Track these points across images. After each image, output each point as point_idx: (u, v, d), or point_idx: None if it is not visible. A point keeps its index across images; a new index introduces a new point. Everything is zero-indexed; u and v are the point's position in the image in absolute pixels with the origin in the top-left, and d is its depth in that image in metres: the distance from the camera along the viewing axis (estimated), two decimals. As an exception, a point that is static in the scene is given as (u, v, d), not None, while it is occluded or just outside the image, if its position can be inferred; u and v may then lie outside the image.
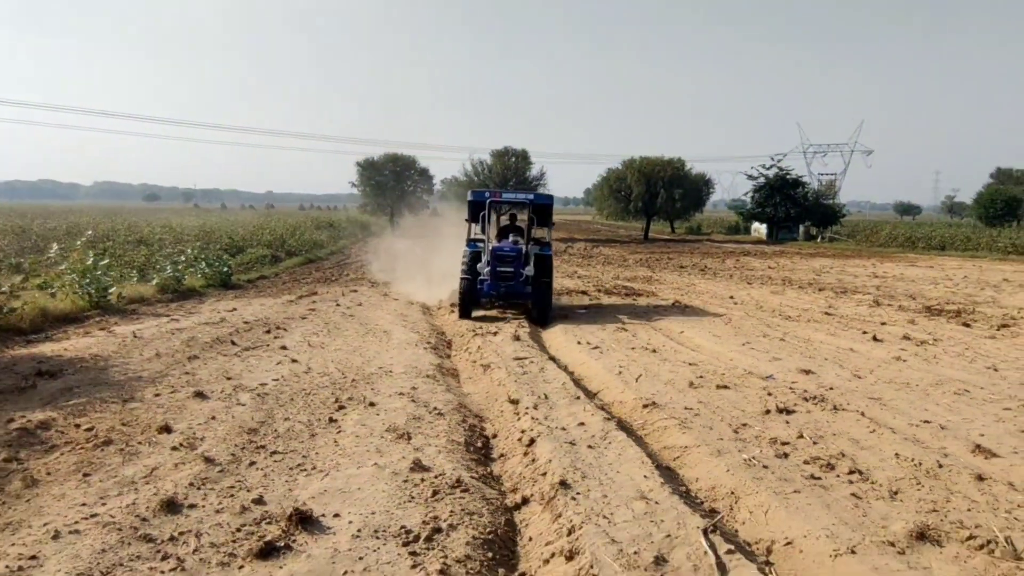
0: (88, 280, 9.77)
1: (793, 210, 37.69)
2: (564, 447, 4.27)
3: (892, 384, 6.13)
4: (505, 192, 11.17)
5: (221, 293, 12.48)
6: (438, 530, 3.14)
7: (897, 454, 4.20)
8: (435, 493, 3.54)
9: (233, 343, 7.59)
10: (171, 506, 3.35)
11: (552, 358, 7.51)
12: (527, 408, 5.17)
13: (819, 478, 3.85)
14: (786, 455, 4.22)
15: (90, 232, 16.49)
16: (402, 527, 3.17)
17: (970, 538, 3.09)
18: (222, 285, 13.21)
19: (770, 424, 4.85)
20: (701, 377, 6.27)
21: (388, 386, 5.89)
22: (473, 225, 10.82)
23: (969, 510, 3.44)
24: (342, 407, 5.21)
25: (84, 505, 3.38)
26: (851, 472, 3.91)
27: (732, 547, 2.99)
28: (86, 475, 3.75)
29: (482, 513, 3.39)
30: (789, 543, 3.13)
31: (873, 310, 11.05)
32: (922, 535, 3.10)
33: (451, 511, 3.33)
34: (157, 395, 5.38)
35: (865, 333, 8.76)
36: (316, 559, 2.90)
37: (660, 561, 2.88)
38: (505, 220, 11.66)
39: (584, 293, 13.08)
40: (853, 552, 2.96)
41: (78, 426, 4.56)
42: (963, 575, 2.81)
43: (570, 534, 3.12)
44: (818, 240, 37.11)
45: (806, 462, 4.09)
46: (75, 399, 5.17)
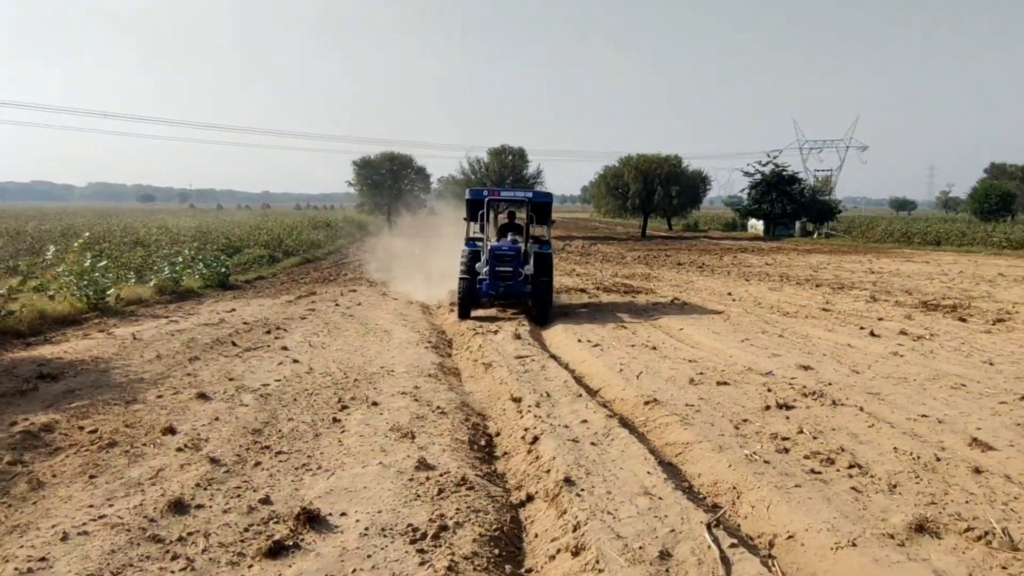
0: (86, 282, 9.74)
1: (789, 206, 37.82)
2: (567, 444, 4.30)
3: (890, 379, 6.18)
4: (503, 190, 11.07)
5: (219, 294, 12.47)
6: (445, 528, 3.16)
7: (895, 448, 4.25)
8: (441, 491, 3.57)
9: (234, 344, 7.60)
10: (178, 507, 3.36)
11: (553, 356, 7.54)
12: (529, 406, 5.20)
13: (819, 472, 3.89)
14: (786, 450, 4.26)
15: (87, 234, 16.41)
16: (409, 525, 3.20)
17: (968, 530, 3.14)
18: (220, 286, 13.19)
19: (770, 420, 4.90)
20: (701, 374, 6.31)
21: (390, 385, 5.91)
22: (471, 224, 10.71)
23: (967, 502, 3.49)
24: (345, 407, 5.23)
25: (91, 507, 3.39)
26: (851, 466, 3.95)
27: (735, 541, 3.03)
28: (92, 477, 3.76)
29: (488, 511, 3.41)
30: (791, 536, 3.17)
31: (870, 306, 11.11)
32: (921, 527, 3.14)
33: (457, 509, 3.36)
34: (159, 397, 5.39)
35: (862, 329, 8.81)
36: (325, 557, 2.93)
37: (665, 555, 2.92)
38: (504, 218, 11.54)
39: (583, 291, 13.10)
40: (854, 545, 3.00)
41: (82, 428, 4.56)
42: (962, 566, 2.86)
43: (575, 530, 3.15)
44: (814, 236, 37.23)
45: (806, 457, 4.14)
46: (77, 401, 5.17)
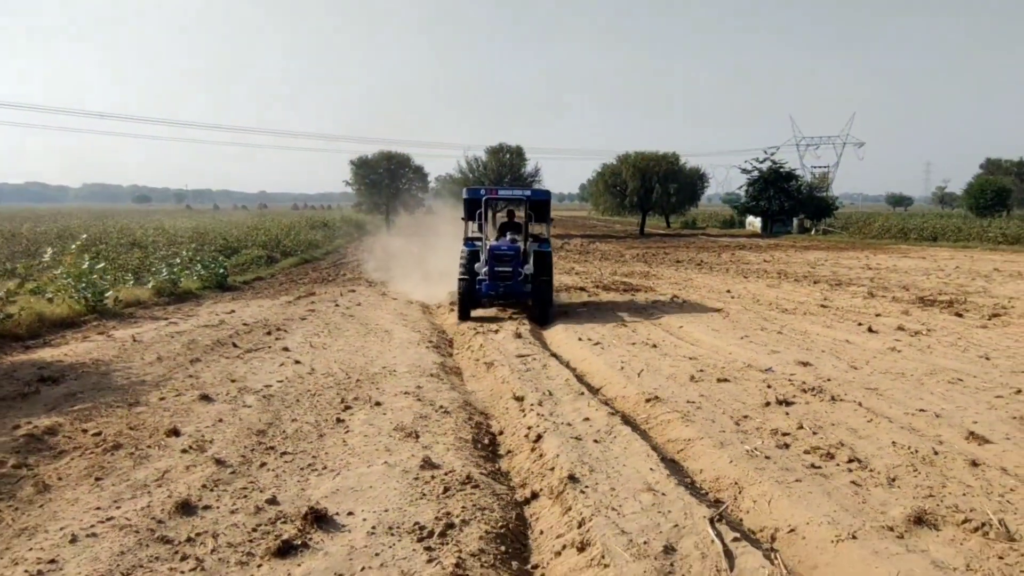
0: (84, 284, 9.73)
1: (787, 203, 37.91)
2: (570, 442, 4.34)
3: (888, 374, 6.24)
4: (501, 189, 11.00)
5: (218, 295, 12.46)
6: (451, 525, 3.20)
7: (894, 442, 4.30)
8: (446, 490, 3.60)
9: (235, 345, 7.61)
10: (186, 508, 3.39)
11: (554, 355, 7.57)
12: (532, 405, 5.23)
13: (819, 467, 3.94)
14: (787, 445, 4.31)
15: (85, 235, 16.39)
16: (416, 523, 3.23)
17: (965, 521, 3.18)
18: (218, 287, 13.18)
19: (770, 416, 4.94)
20: (701, 371, 6.35)
21: (393, 385, 5.94)
22: (470, 224, 10.64)
23: (964, 495, 3.54)
24: (348, 407, 5.25)
25: (99, 509, 3.41)
26: (850, 461, 4.00)
27: (738, 535, 3.07)
28: (98, 479, 3.78)
29: (493, 508, 3.45)
30: (792, 530, 3.22)
31: (868, 302, 11.17)
32: (919, 520, 3.19)
33: (463, 507, 3.39)
34: (162, 399, 5.41)
35: (860, 325, 8.87)
36: (333, 556, 2.96)
37: (669, 550, 2.96)
38: (503, 217, 11.47)
39: (583, 289, 13.14)
40: (854, 537, 3.05)
41: (85, 431, 4.58)
42: (959, 557, 2.90)
43: (580, 526, 3.19)
44: (812, 233, 37.33)
45: (806, 452, 4.18)
46: (80, 404, 5.19)
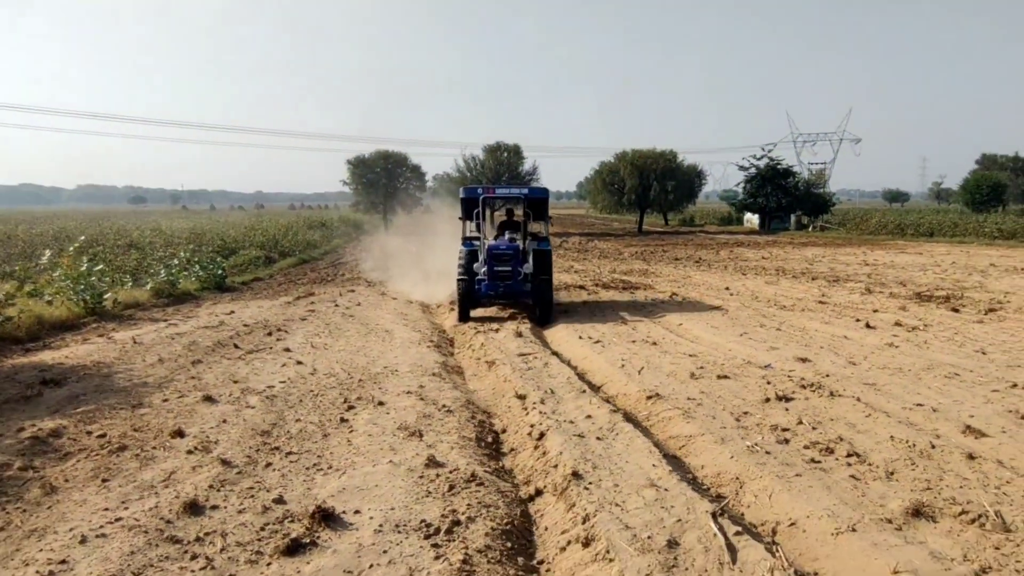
0: (83, 286, 9.73)
1: (784, 200, 37.97)
2: (573, 439, 4.38)
3: (885, 369, 6.29)
4: (499, 187, 10.88)
5: (216, 296, 12.47)
6: (457, 523, 3.24)
7: (892, 436, 4.35)
8: (451, 488, 3.64)
9: (236, 346, 7.63)
10: (194, 508, 3.42)
11: (555, 353, 7.61)
12: (534, 403, 5.28)
13: (819, 462, 3.99)
14: (787, 441, 4.36)
15: (83, 237, 16.35)
16: (422, 521, 3.27)
17: (962, 513, 3.24)
18: (217, 288, 13.19)
19: (770, 411, 4.99)
20: (702, 368, 6.40)
21: (395, 385, 5.97)
22: (467, 223, 10.56)
23: (961, 487, 3.59)
24: (352, 407, 5.29)
25: (107, 510, 3.44)
26: (849, 455, 4.05)
27: (740, 529, 3.12)
28: (105, 481, 3.81)
29: (498, 505, 3.49)
30: (793, 524, 3.27)
31: (865, 298, 11.24)
32: (917, 512, 3.24)
33: (468, 504, 3.43)
34: (165, 400, 5.43)
35: (858, 320, 8.93)
36: (342, 554, 2.99)
37: (673, 544, 3.00)
38: (501, 216, 11.42)
39: (582, 288, 13.18)
40: (853, 530, 3.10)
41: (90, 433, 4.61)
42: (957, 548, 2.96)
43: (585, 522, 3.23)
44: (809, 229, 37.42)
45: (806, 447, 4.23)
46: (83, 406, 5.21)
